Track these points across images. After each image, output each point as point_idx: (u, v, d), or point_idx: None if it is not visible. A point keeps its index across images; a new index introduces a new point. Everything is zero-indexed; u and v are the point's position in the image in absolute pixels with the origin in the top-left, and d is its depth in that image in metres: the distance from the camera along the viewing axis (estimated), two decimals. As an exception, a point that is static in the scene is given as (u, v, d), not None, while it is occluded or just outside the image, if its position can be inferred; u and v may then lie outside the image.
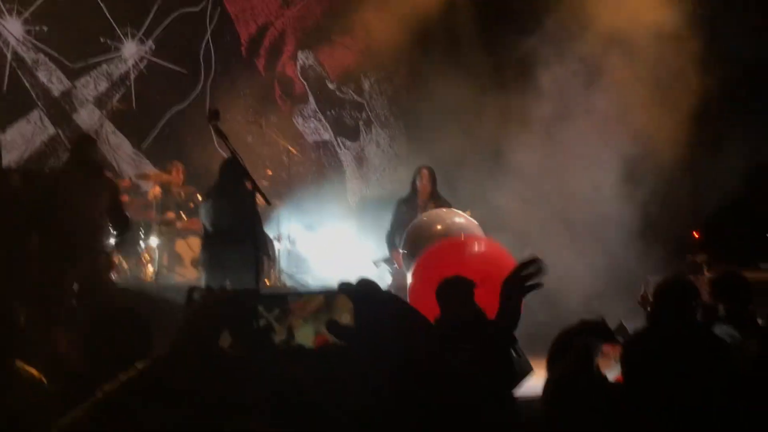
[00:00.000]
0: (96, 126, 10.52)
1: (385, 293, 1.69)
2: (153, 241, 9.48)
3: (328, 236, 11.07)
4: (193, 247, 9.24)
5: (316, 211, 11.00)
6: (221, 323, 1.81)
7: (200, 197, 9.01)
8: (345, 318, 1.83)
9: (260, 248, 6.90)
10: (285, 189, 10.70)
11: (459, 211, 8.49)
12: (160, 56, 11.06)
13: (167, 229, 9.61)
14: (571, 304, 8.87)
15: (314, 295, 1.95)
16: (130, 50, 10.96)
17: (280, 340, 1.89)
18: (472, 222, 8.32)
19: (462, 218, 8.33)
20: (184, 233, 9.60)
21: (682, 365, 2.17)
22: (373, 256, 9.25)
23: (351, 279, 1.72)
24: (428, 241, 7.90)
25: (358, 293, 1.65)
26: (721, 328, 5.22)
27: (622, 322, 6.74)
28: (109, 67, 10.90)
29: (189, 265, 9.37)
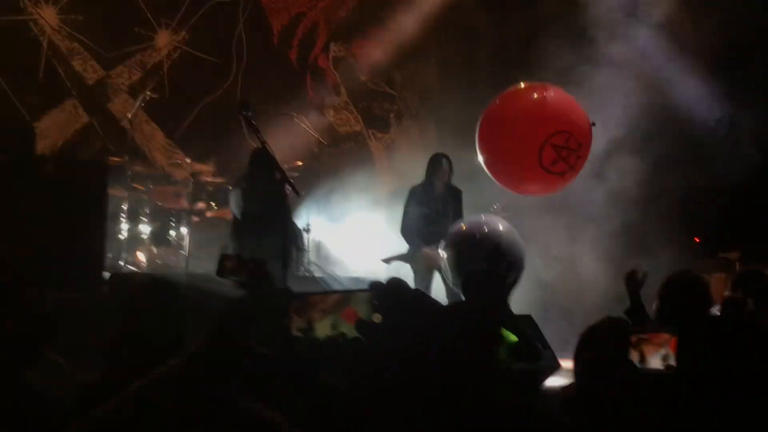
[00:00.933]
0: (129, 115, 10.60)
1: (415, 291, 1.71)
2: (183, 229, 9.54)
3: (357, 228, 11.09)
4: (223, 236, 9.29)
5: (345, 203, 11.02)
6: (253, 321, 1.83)
7: (230, 187, 9.05)
8: (363, 314, 1.84)
9: (289, 238, 6.93)
10: (315, 180, 10.73)
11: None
12: (193, 46, 11.12)
13: (198, 218, 9.67)
14: (599, 303, 8.82)
15: (333, 292, 1.97)
16: (164, 40, 11.03)
17: (301, 334, 1.90)
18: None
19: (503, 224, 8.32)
20: (214, 222, 9.65)
21: (739, 357, 2.17)
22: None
23: (381, 279, 1.73)
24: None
25: (388, 293, 1.67)
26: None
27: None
28: (143, 56, 10.98)
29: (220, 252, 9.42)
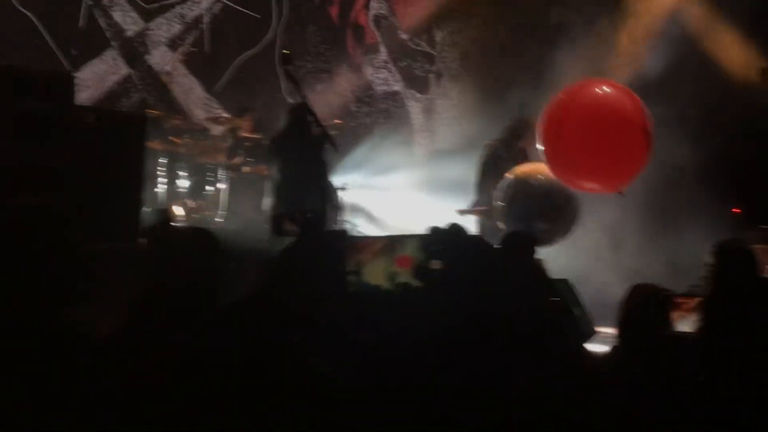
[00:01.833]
0: (168, 68, 10.57)
1: (476, 236, 1.66)
2: (221, 185, 9.55)
3: (393, 188, 11.05)
4: (260, 192, 9.30)
5: (382, 163, 10.97)
6: (310, 267, 1.80)
7: (268, 143, 9.02)
8: (418, 259, 1.80)
9: (326, 195, 6.90)
10: (352, 139, 10.68)
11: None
12: (234, 0, 11.05)
13: (235, 173, 9.66)
14: (641, 272, 8.73)
15: (379, 237, 1.92)
16: (204, -7, 10.98)
17: (353, 278, 1.87)
18: None
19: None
20: (251, 178, 9.64)
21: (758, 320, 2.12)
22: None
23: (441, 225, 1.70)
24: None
25: (451, 237, 1.63)
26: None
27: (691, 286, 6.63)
28: (183, 9, 10.93)
29: (253, 209, 9.43)
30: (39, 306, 2.23)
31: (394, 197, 10.92)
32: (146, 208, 8.52)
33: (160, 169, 9.28)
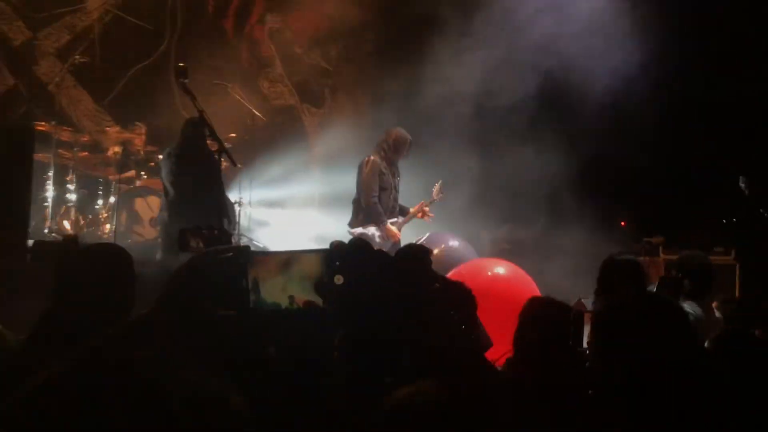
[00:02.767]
0: (56, 79, 10.29)
1: (377, 251, 1.69)
2: (111, 199, 9.35)
3: (289, 202, 11.03)
4: (152, 206, 9.15)
5: (278, 176, 10.94)
6: (214, 281, 1.80)
7: (161, 156, 8.89)
8: (310, 274, 1.81)
9: (222, 210, 6.83)
10: (248, 152, 10.61)
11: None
12: (126, 11, 10.84)
13: (126, 187, 9.48)
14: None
15: (277, 253, 1.92)
16: (95, 3, 10.72)
17: (253, 296, 1.86)
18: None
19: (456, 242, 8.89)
20: (143, 192, 9.48)
21: (649, 335, 2.19)
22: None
23: (342, 239, 1.72)
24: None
25: (353, 251, 1.65)
26: (686, 304, 5.37)
27: (580, 298, 6.84)
28: (73, 19, 10.66)
29: (147, 224, 9.27)
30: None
31: (290, 212, 10.90)
32: (33, 223, 8.29)
33: (48, 182, 9.02)
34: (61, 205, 9.27)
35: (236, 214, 9.48)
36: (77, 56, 10.16)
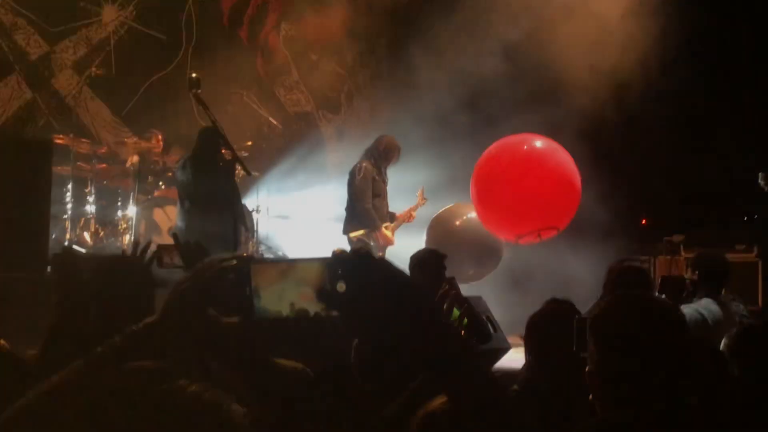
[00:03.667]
0: (74, 92, 10.37)
1: (382, 259, 1.68)
2: (130, 209, 9.40)
3: (307, 209, 11.04)
4: (170, 215, 9.18)
5: (295, 184, 10.96)
6: (217, 289, 1.80)
7: (178, 166, 8.93)
8: (309, 282, 1.80)
9: (238, 219, 6.85)
10: (265, 160, 10.64)
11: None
12: (141, 22, 10.91)
13: (145, 197, 9.53)
14: (542, 285, 8.91)
15: (276, 261, 1.92)
16: (110, 15, 10.80)
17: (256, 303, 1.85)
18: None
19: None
20: (161, 202, 9.52)
21: (639, 337, 2.17)
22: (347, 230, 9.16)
23: (345, 248, 1.72)
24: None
25: (356, 259, 1.64)
26: (702, 302, 5.34)
27: (599, 298, 6.78)
28: (89, 31, 10.74)
29: (166, 234, 9.30)
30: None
31: (309, 219, 10.91)
32: (53, 235, 8.36)
33: (68, 195, 9.08)
34: (81, 217, 9.34)
35: (254, 222, 9.50)
36: (94, 68, 10.21)
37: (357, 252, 1.64)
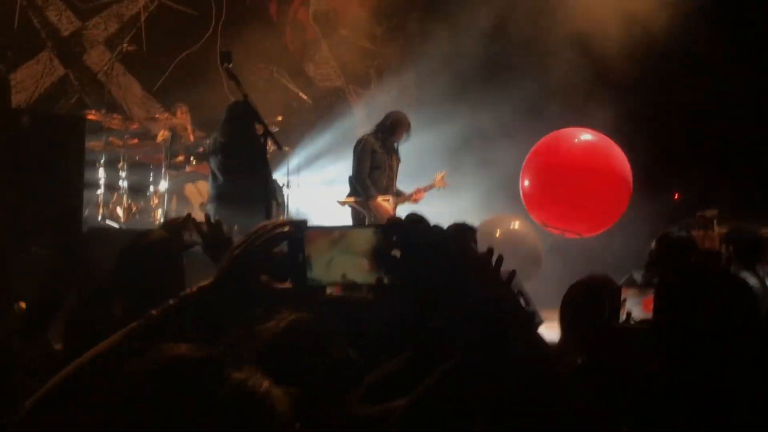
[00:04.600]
0: (106, 68, 10.42)
1: (436, 226, 1.66)
2: (162, 184, 9.46)
3: (337, 184, 11.03)
4: (201, 190, 9.23)
5: (325, 159, 10.96)
6: (270, 255, 1.80)
7: (209, 141, 8.96)
8: (359, 251, 1.78)
9: (270, 193, 6.86)
10: (295, 135, 10.65)
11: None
12: (171, -2, 10.94)
13: (176, 172, 9.58)
14: (579, 257, 8.90)
15: (328, 228, 1.89)
16: (141, -9, 10.83)
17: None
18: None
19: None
20: (193, 177, 9.57)
21: (714, 305, 2.16)
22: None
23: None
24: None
25: (412, 225, 1.63)
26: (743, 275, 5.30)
27: (632, 273, 6.76)
28: (120, 7, 10.78)
29: (198, 208, 9.35)
30: None
31: (336, 193, 10.91)
32: (86, 210, 8.43)
33: (100, 170, 9.15)
34: (113, 192, 9.40)
35: (285, 197, 9.52)
36: (125, 44, 10.24)
37: (410, 217, 1.63)
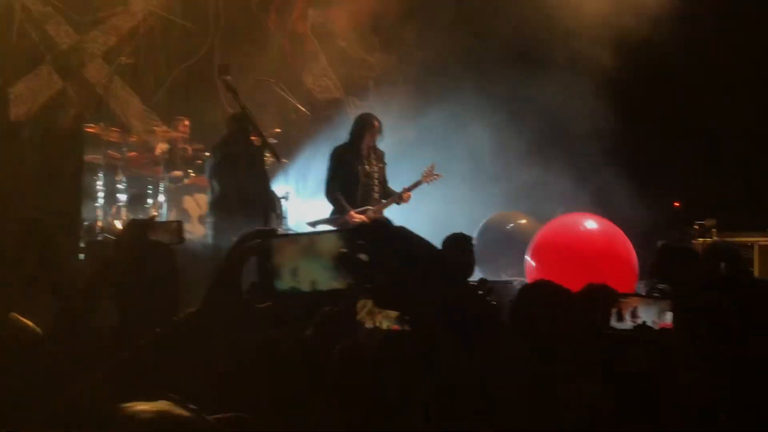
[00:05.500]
0: (104, 81, 10.44)
1: (401, 227, 1.65)
2: (160, 197, 9.46)
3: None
4: (200, 203, 9.23)
5: (324, 170, 10.94)
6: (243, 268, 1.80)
7: (207, 154, 8.96)
8: (323, 256, 1.77)
9: (268, 205, 6.87)
10: (294, 147, 10.65)
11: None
12: (169, 11, 10.94)
13: (174, 185, 9.58)
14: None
15: (291, 236, 1.89)
16: (138, 5, 10.84)
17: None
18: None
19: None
20: (191, 189, 9.57)
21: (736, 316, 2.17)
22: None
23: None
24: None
25: (376, 228, 1.62)
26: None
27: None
28: (118, 21, 10.80)
29: (196, 221, 9.36)
30: None
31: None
32: (85, 223, 8.44)
33: (99, 182, 9.15)
34: (112, 205, 9.40)
35: (283, 208, 9.51)
36: (124, 58, 10.26)
37: (375, 221, 1.63)
